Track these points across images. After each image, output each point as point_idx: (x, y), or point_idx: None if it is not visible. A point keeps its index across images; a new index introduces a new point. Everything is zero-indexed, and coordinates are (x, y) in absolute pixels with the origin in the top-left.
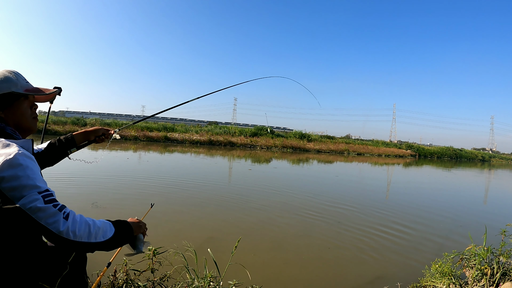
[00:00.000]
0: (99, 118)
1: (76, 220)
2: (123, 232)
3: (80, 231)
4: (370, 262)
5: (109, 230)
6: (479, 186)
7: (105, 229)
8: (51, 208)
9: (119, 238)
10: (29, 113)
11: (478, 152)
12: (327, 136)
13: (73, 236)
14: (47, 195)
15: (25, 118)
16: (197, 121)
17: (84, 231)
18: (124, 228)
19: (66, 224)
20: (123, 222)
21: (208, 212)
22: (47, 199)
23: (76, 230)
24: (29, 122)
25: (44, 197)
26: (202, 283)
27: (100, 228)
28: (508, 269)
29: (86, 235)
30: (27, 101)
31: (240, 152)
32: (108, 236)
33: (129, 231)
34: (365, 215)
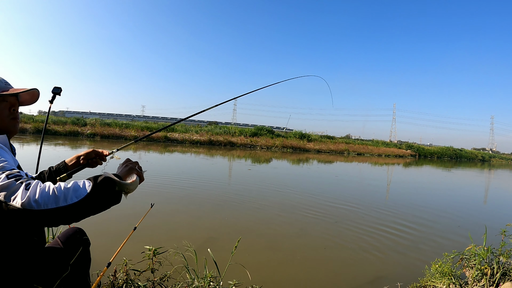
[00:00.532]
0: (99, 118)
1: (38, 189)
2: (105, 183)
3: (43, 198)
4: (370, 262)
5: (83, 186)
6: (479, 186)
7: (77, 187)
8: (12, 182)
9: (101, 191)
10: (6, 114)
11: (478, 152)
12: (327, 136)
13: (37, 205)
14: (12, 173)
15: (1, 119)
16: (197, 121)
17: (48, 196)
18: (107, 179)
19: (26, 193)
20: (106, 175)
21: (208, 212)
22: (10, 175)
23: (38, 198)
24: (6, 123)
25: (8, 175)
26: (202, 283)
27: (69, 188)
28: (508, 269)
29: (53, 200)
30: (5, 103)
31: (240, 152)
32: (83, 193)
33: (112, 179)
34: (365, 215)
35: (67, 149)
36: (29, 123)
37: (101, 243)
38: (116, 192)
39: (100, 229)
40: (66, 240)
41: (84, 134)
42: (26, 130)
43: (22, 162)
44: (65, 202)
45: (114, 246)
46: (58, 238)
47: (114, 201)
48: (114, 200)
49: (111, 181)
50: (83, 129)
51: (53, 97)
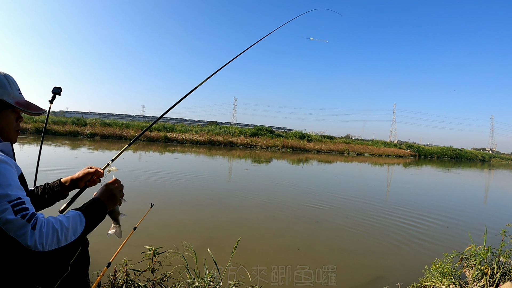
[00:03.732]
0: (99, 118)
1: (43, 231)
2: (96, 217)
3: (48, 241)
4: (370, 262)
5: (79, 224)
6: (479, 186)
7: (75, 226)
8: (19, 220)
9: (92, 225)
10: (13, 125)
11: (478, 152)
12: (327, 136)
13: (42, 248)
14: (18, 203)
15: (8, 129)
16: (197, 121)
17: (52, 239)
18: (96, 212)
19: (33, 237)
20: (95, 205)
21: (208, 212)
22: (16, 208)
23: (43, 242)
24: (11, 134)
25: (14, 207)
26: (202, 283)
27: (69, 228)
28: (508, 269)
29: (56, 242)
30: (14, 113)
31: (240, 152)
32: (79, 231)
33: (101, 212)
34: (365, 214)
35: (67, 149)
36: (29, 123)
37: (101, 243)
38: (102, 214)
39: (100, 229)
40: None
41: (84, 134)
42: (26, 130)
43: (22, 162)
44: (66, 241)
45: (114, 246)
46: None
47: (100, 221)
48: (100, 221)
49: (102, 214)
50: (83, 129)
51: (53, 97)
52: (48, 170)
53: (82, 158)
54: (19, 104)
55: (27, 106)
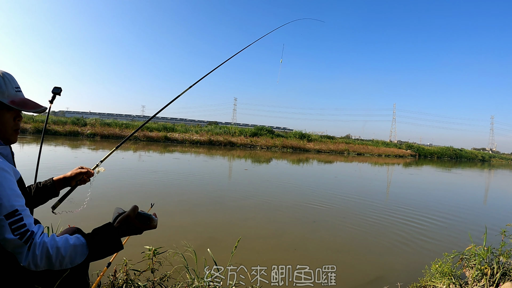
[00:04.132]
0: (99, 118)
1: (36, 255)
2: (102, 252)
3: (41, 264)
4: (370, 262)
5: (79, 256)
6: (479, 186)
7: (74, 256)
8: (16, 241)
9: (95, 258)
10: (11, 124)
11: (478, 152)
12: (327, 136)
13: (35, 268)
14: (15, 221)
15: (5, 129)
16: (197, 121)
17: (45, 263)
18: (105, 247)
19: (28, 258)
20: (107, 238)
21: (208, 212)
22: (14, 226)
23: (37, 263)
24: (9, 134)
25: (12, 224)
26: (202, 283)
27: (65, 257)
28: (508, 269)
29: (48, 265)
30: (11, 112)
31: (240, 152)
32: (77, 262)
33: (112, 248)
34: (365, 214)
35: (67, 149)
36: (29, 123)
37: None
38: (115, 246)
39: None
40: None
41: (84, 134)
42: (26, 130)
43: (22, 163)
44: (60, 267)
45: None
46: None
47: (114, 252)
48: (113, 252)
49: (112, 250)
50: (83, 129)
51: (53, 97)
52: (48, 170)
53: (82, 158)
54: (14, 103)
55: (23, 104)
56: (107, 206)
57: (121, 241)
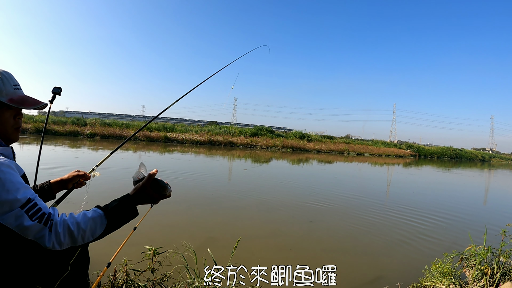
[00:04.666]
0: (99, 118)
1: (59, 232)
2: (120, 220)
3: (65, 241)
4: (370, 262)
5: (98, 227)
6: (479, 186)
7: (94, 228)
8: (36, 225)
9: (114, 227)
10: (11, 123)
11: (478, 152)
12: (327, 136)
13: (59, 247)
14: (30, 207)
15: (5, 128)
16: (197, 121)
17: (69, 240)
18: (122, 215)
19: (51, 239)
20: (123, 207)
21: (208, 211)
22: (31, 213)
23: (61, 241)
24: (10, 133)
25: (28, 211)
26: (202, 283)
27: (86, 230)
28: (508, 269)
29: (71, 242)
30: (11, 110)
31: (240, 152)
32: (98, 233)
33: (128, 215)
34: (365, 214)
35: (67, 149)
36: (29, 123)
37: (101, 243)
38: (131, 213)
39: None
40: None
41: (84, 134)
42: (26, 130)
43: (22, 163)
44: (82, 241)
45: (114, 246)
46: None
47: (131, 219)
48: (130, 219)
49: (128, 217)
50: (83, 129)
51: (53, 97)
52: (48, 170)
53: (82, 158)
54: (13, 101)
55: (22, 102)
56: None
57: (137, 208)
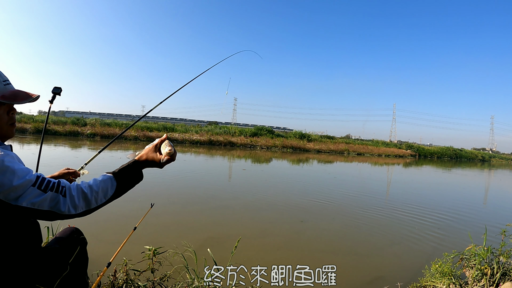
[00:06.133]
0: (99, 118)
1: (73, 195)
2: (128, 182)
3: (80, 203)
4: (370, 262)
5: (110, 188)
6: (479, 186)
7: (105, 189)
8: (51, 195)
9: (124, 189)
10: (5, 119)
11: (478, 152)
12: (327, 136)
13: (75, 210)
14: (41, 182)
15: (0, 125)
16: (197, 121)
17: (83, 202)
18: (129, 177)
19: (66, 203)
20: (130, 170)
21: (208, 211)
22: (43, 187)
23: (76, 204)
24: (5, 130)
25: (40, 187)
26: (202, 283)
27: (98, 191)
28: (508, 269)
29: (86, 204)
30: (3, 106)
31: (240, 152)
32: (109, 194)
33: (135, 178)
34: (365, 214)
35: (67, 149)
36: (29, 123)
37: (101, 243)
38: (138, 176)
39: (100, 229)
40: (63, 239)
41: (84, 134)
42: (26, 130)
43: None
44: (96, 203)
45: (114, 246)
46: (55, 238)
47: (137, 183)
48: (136, 183)
49: (135, 180)
50: (83, 129)
51: (53, 97)
52: (47, 170)
53: (82, 158)
54: (4, 98)
55: (13, 97)
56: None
57: (142, 172)
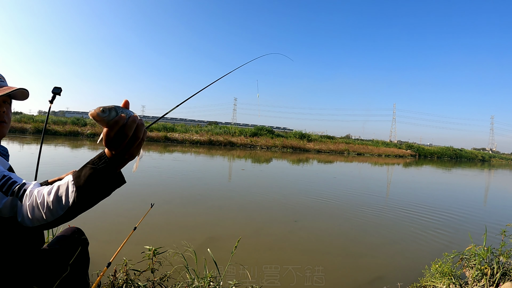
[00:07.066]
0: None
1: (26, 207)
2: (94, 182)
3: (34, 218)
4: (370, 262)
5: (65, 195)
6: (479, 186)
7: (59, 199)
8: (10, 199)
9: (90, 192)
10: None
11: (478, 152)
12: (327, 136)
13: (30, 223)
14: (3, 183)
15: None
16: (197, 121)
17: (37, 217)
18: (94, 178)
19: (21, 212)
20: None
21: (208, 212)
22: (5, 188)
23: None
24: None
25: (1, 188)
26: (202, 283)
27: (53, 201)
28: (508, 269)
29: (41, 218)
30: None
31: (240, 152)
32: (67, 205)
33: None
34: (365, 214)
35: (67, 149)
36: (29, 123)
37: (101, 243)
38: (113, 179)
39: (100, 229)
40: (64, 240)
41: (84, 134)
42: (26, 130)
43: (22, 163)
44: (52, 217)
45: (114, 246)
46: (56, 238)
47: (114, 187)
48: (113, 187)
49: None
50: (83, 129)
51: (53, 97)
52: (48, 170)
53: (82, 158)
54: None
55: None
56: (105, 206)
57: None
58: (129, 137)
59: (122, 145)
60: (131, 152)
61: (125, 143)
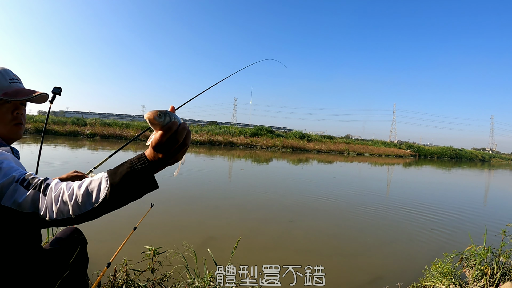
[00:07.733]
0: (99, 118)
1: (52, 200)
2: (129, 183)
3: (56, 210)
4: (370, 262)
5: (97, 190)
6: (479, 186)
7: (89, 193)
8: (32, 193)
9: (122, 190)
10: (8, 118)
11: (478, 152)
12: (327, 136)
13: (50, 217)
14: (24, 179)
15: (3, 124)
16: (197, 121)
17: (62, 208)
18: (130, 177)
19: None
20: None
21: (208, 212)
22: (25, 183)
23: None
24: (7, 130)
25: (22, 183)
26: (202, 283)
27: (83, 194)
28: (508, 269)
29: (67, 211)
30: (7, 105)
31: (240, 152)
32: (99, 198)
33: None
34: (365, 214)
35: (67, 149)
36: (29, 123)
37: (101, 243)
38: (148, 182)
39: (100, 229)
40: (63, 240)
41: (84, 134)
42: (26, 130)
43: (22, 163)
44: (79, 211)
45: (114, 246)
46: (56, 238)
47: (147, 191)
48: (146, 190)
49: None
50: (83, 129)
51: (53, 97)
52: (48, 170)
53: (82, 158)
54: (6, 95)
55: (15, 94)
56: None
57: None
58: (180, 143)
59: (171, 150)
60: (176, 157)
61: (174, 148)
